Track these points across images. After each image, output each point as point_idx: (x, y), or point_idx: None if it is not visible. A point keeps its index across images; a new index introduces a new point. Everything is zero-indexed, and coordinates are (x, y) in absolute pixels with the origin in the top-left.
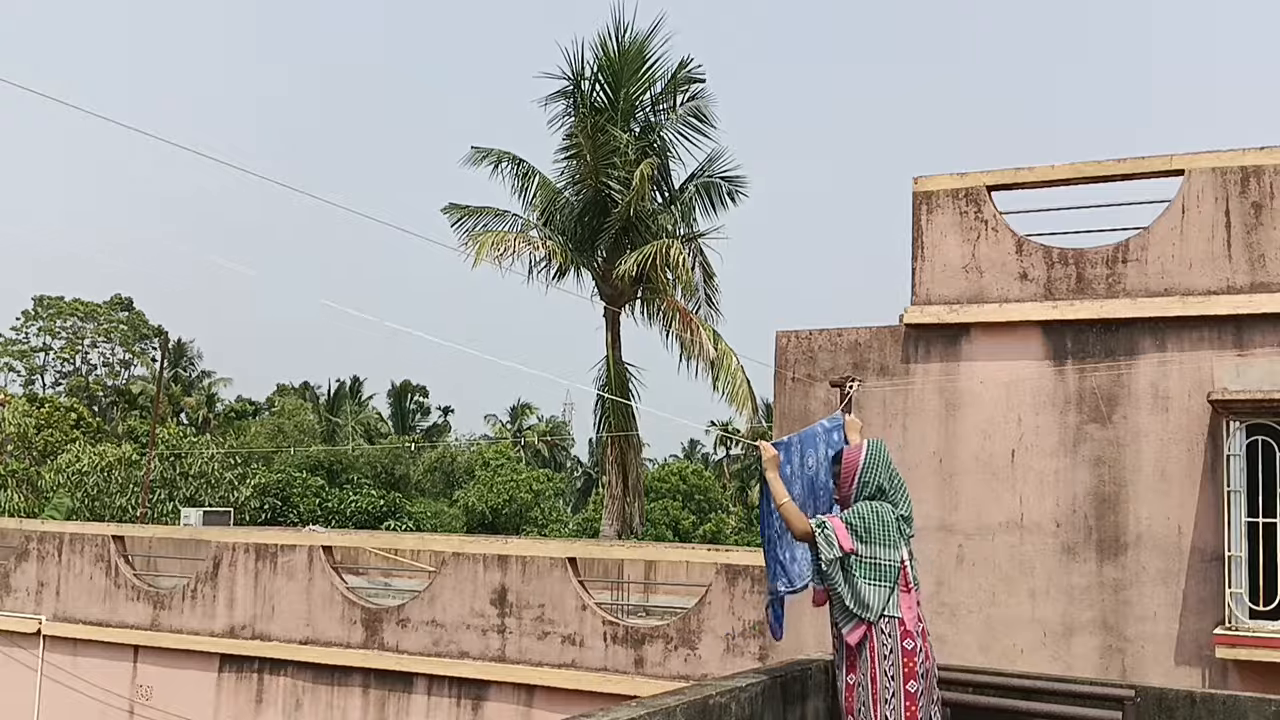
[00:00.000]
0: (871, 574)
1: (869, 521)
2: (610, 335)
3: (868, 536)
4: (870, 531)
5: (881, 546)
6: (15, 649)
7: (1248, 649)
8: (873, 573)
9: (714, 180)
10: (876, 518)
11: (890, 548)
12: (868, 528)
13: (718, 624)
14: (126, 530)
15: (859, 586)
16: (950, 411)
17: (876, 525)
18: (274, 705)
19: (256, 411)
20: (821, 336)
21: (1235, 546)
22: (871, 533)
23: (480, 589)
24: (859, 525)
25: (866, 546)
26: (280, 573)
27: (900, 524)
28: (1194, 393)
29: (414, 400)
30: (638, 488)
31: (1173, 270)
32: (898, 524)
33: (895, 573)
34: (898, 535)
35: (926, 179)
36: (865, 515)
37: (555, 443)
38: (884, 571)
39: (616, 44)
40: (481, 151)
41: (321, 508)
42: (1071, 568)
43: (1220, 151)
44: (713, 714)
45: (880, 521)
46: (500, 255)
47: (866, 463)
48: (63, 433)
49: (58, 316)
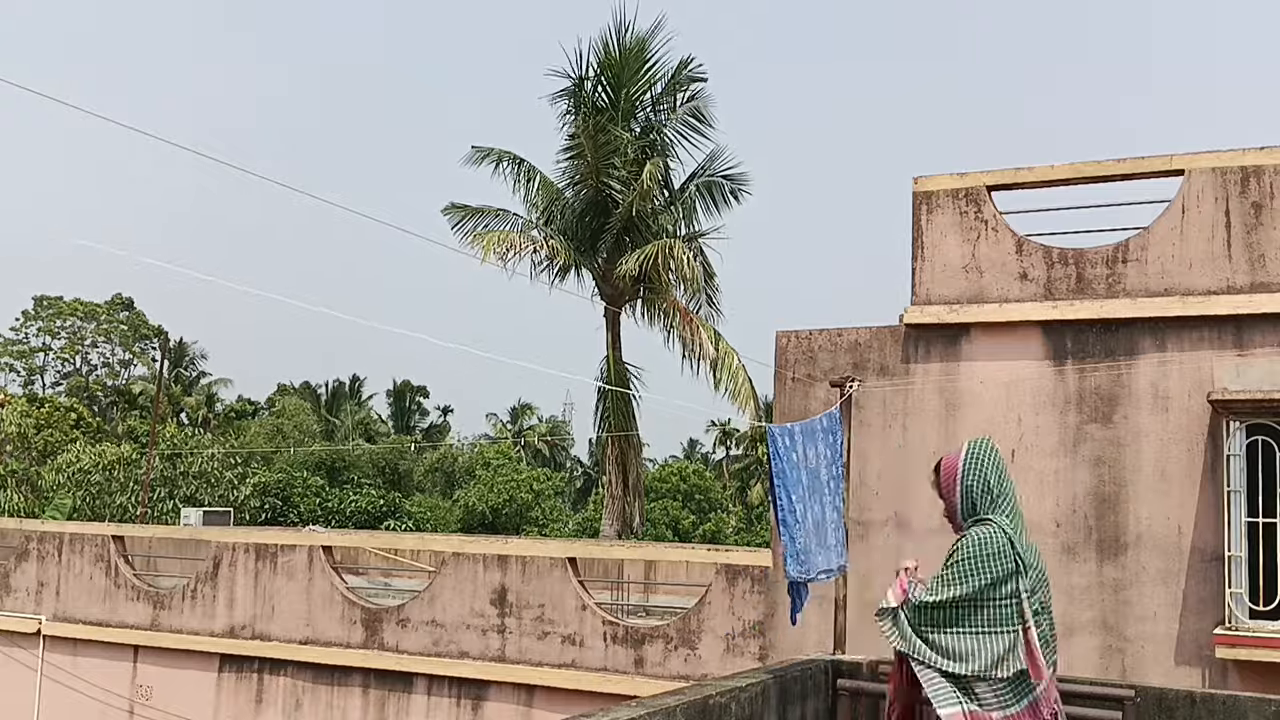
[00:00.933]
0: (965, 619)
1: (966, 553)
2: (610, 335)
3: (965, 573)
4: (966, 565)
5: (989, 583)
6: (15, 649)
7: (1248, 649)
8: (968, 618)
9: (715, 179)
10: (979, 546)
11: (999, 584)
12: (962, 561)
13: (718, 624)
14: (126, 530)
15: (939, 639)
16: (950, 411)
17: (979, 558)
18: (274, 705)
19: (256, 411)
20: (821, 336)
21: (1235, 546)
22: (970, 566)
23: (480, 589)
24: (954, 571)
25: (960, 585)
26: (280, 573)
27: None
28: (1194, 393)
29: (414, 400)
30: (638, 487)
31: (1173, 270)
32: (1012, 554)
33: (1011, 614)
34: (1005, 569)
35: (926, 179)
36: (962, 547)
37: (555, 443)
38: (994, 615)
39: (618, 44)
40: (482, 151)
41: (321, 507)
42: (1071, 568)
43: (1220, 151)
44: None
45: (984, 551)
46: (504, 254)
47: (966, 466)
48: (63, 433)
49: (58, 316)
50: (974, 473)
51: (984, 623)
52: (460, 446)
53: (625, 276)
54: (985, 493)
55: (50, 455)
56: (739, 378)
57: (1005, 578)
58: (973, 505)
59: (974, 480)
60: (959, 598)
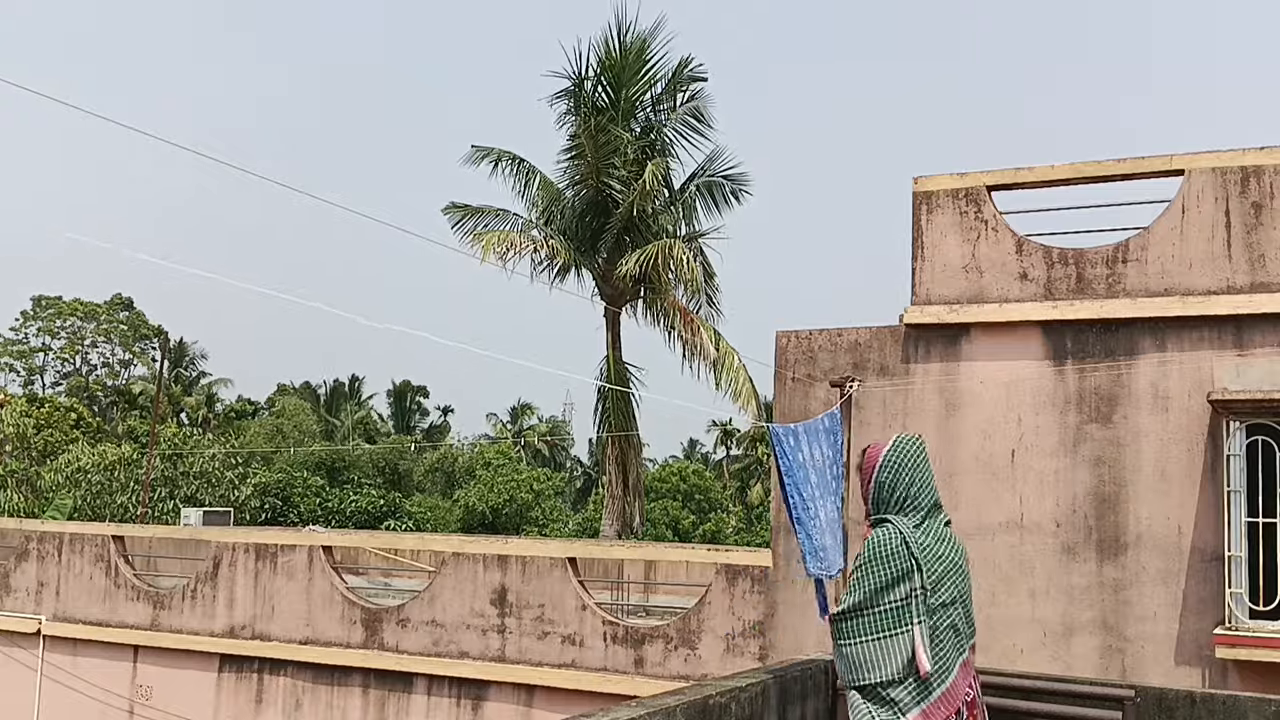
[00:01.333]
0: (861, 629)
1: (863, 558)
2: (611, 335)
3: (861, 577)
4: (860, 571)
5: (878, 589)
6: (15, 649)
7: (1248, 649)
8: (863, 626)
9: (715, 179)
10: (872, 550)
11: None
12: (860, 565)
13: (718, 624)
14: (126, 530)
15: (844, 649)
16: (950, 411)
17: (874, 561)
18: (274, 705)
19: (256, 411)
20: (821, 336)
21: (1235, 546)
22: (864, 571)
23: (480, 589)
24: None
25: (855, 592)
26: (280, 573)
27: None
28: (1194, 393)
29: (414, 400)
30: (638, 487)
31: (1173, 270)
32: (906, 554)
33: (906, 614)
34: (896, 569)
35: (926, 179)
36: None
37: (555, 442)
38: (891, 619)
39: (619, 44)
40: (482, 151)
41: (321, 507)
42: (1071, 568)
43: (1220, 151)
44: (713, 714)
45: (879, 554)
46: (504, 254)
47: (885, 461)
48: (63, 433)
49: (57, 317)
50: (889, 470)
51: (882, 628)
52: (460, 446)
53: (625, 276)
54: (894, 491)
55: (50, 455)
56: (739, 378)
57: (899, 578)
58: (879, 502)
59: (887, 477)
60: (856, 605)
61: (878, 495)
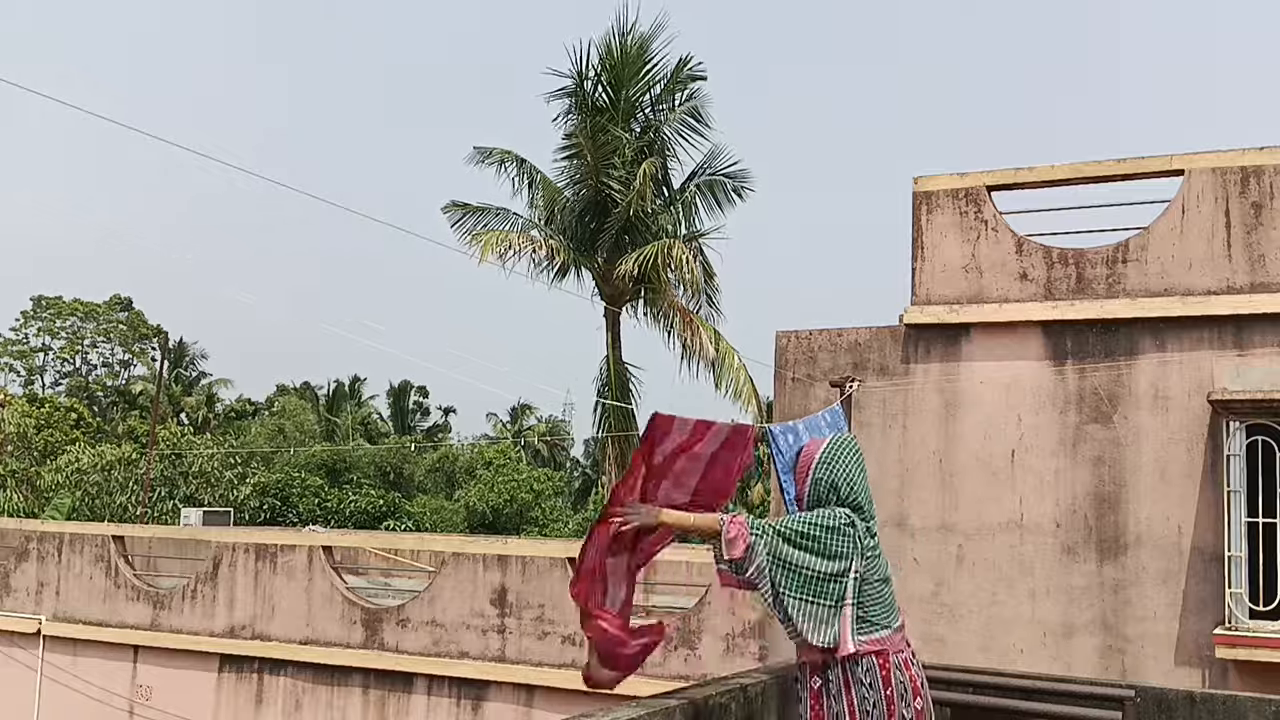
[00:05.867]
0: (800, 588)
1: (808, 524)
2: (610, 335)
3: (802, 542)
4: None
5: (822, 557)
6: (15, 649)
7: (1248, 649)
8: (802, 587)
9: (716, 178)
10: (819, 520)
11: (833, 559)
12: (804, 531)
13: (718, 624)
14: (126, 530)
15: (785, 601)
16: (950, 411)
17: (818, 530)
18: (274, 705)
19: (256, 411)
20: (821, 336)
21: (1235, 546)
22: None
23: (480, 589)
24: (794, 527)
25: (799, 553)
26: (280, 573)
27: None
28: (1194, 393)
29: (414, 400)
30: None
31: (1172, 270)
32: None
33: (836, 590)
34: (846, 545)
35: (926, 179)
36: (806, 517)
37: (555, 442)
38: (817, 586)
39: (619, 43)
40: (483, 151)
41: (321, 508)
42: (1071, 568)
43: (1220, 151)
44: (713, 714)
45: (824, 526)
46: (502, 254)
47: (822, 458)
48: (63, 433)
49: (57, 316)
50: (825, 466)
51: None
52: (460, 446)
53: (625, 277)
54: (833, 489)
55: (50, 455)
56: (739, 378)
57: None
58: (817, 500)
59: (824, 474)
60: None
61: (814, 493)
